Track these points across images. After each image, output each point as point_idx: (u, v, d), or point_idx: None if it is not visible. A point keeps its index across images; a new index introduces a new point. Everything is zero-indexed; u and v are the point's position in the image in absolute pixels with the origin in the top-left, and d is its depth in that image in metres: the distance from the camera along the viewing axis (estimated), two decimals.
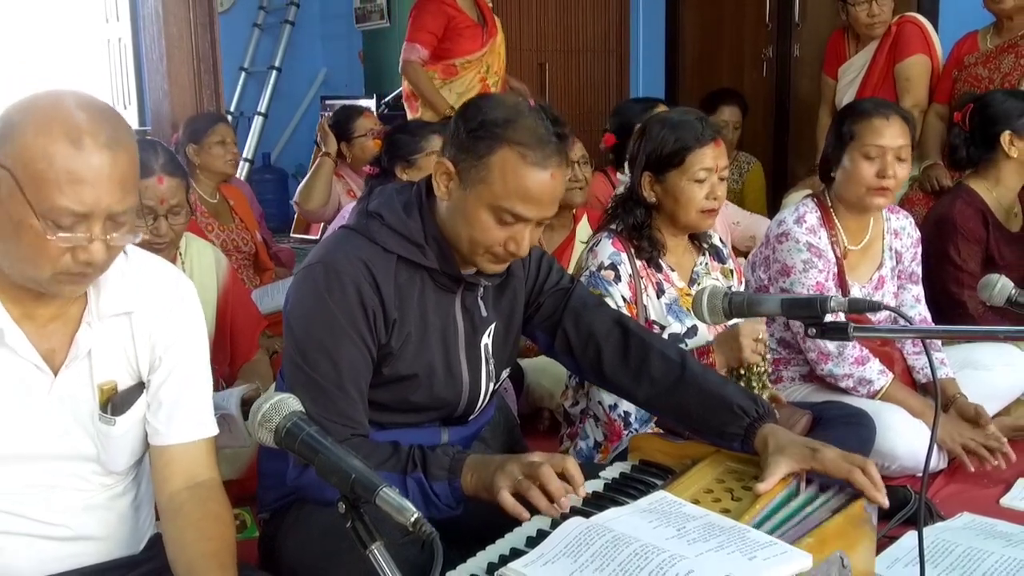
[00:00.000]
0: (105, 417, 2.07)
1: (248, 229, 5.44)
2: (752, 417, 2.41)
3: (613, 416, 3.16)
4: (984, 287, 2.52)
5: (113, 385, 2.08)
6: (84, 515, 2.11)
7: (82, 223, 1.82)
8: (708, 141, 3.17)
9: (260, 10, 9.62)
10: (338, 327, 2.32)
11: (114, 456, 2.12)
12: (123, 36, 8.23)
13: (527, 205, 2.30)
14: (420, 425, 2.54)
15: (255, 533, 2.94)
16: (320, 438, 1.68)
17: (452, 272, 2.44)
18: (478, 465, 2.27)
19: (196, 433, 2.17)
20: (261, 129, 9.51)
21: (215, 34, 6.33)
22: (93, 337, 2.04)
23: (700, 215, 3.21)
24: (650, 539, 1.87)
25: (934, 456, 3.46)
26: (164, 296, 2.14)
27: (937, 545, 2.90)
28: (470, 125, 2.34)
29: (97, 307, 2.04)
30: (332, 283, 2.33)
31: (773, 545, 1.88)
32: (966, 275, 4.18)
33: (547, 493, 2.14)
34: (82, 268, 1.87)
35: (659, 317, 3.23)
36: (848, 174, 3.60)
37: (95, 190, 1.81)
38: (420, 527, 1.51)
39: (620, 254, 3.21)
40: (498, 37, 6.54)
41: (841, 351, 3.60)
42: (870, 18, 5.58)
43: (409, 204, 2.44)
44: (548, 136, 2.30)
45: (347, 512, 1.60)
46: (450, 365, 2.50)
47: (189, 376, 2.17)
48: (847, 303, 2.20)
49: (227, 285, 3.73)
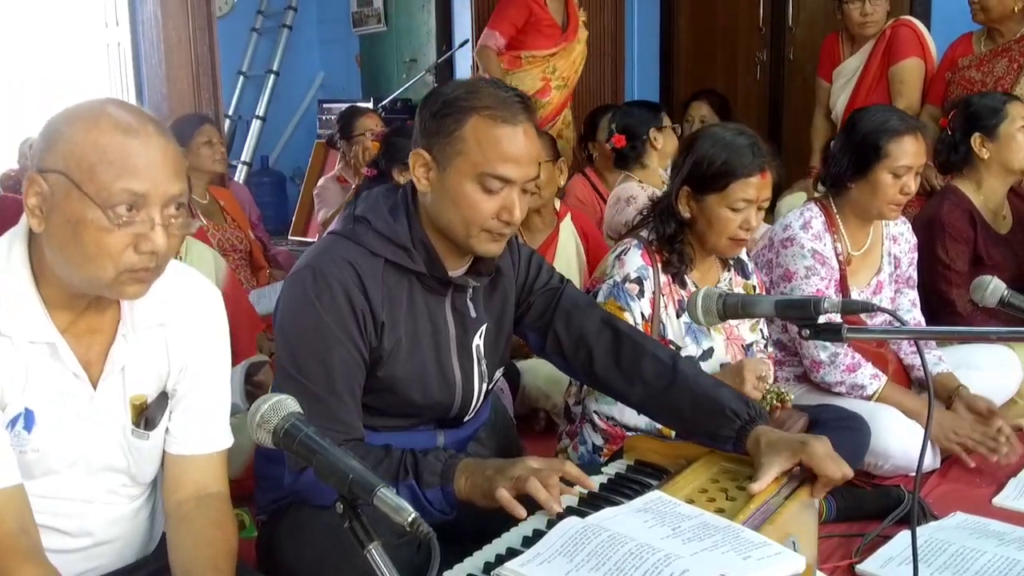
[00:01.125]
0: (139, 432, 2.08)
1: (241, 228, 5.45)
2: (744, 420, 2.41)
3: (611, 424, 3.16)
4: (976, 288, 2.53)
5: (144, 399, 2.09)
6: (110, 526, 2.13)
7: (142, 208, 1.83)
8: (756, 172, 3.08)
9: (258, 14, 9.61)
10: (328, 331, 2.31)
11: (143, 468, 2.14)
12: (122, 40, 8.20)
13: (508, 164, 2.30)
14: (415, 428, 2.54)
15: (253, 533, 2.93)
16: (318, 439, 1.68)
17: (440, 275, 2.44)
18: (472, 470, 2.27)
19: (211, 445, 2.19)
20: (259, 132, 9.50)
21: (213, 38, 6.34)
22: (128, 351, 2.04)
23: (729, 243, 3.15)
24: (645, 539, 1.87)
25: (928, 456, 3.47)
26: (195, 307, 2.15)
27: (930, 544, 2.90)
28: (433, 109, 2.36)
29: (132, 319, 2.04)
30: (320, 287, 2.32)
31: (767, 545, 1.88)
32: (954, 274, 4.19)
33: (545, 487, 2.15)
34: (145, 262, 1.86)
35: (676, 337, 3.19)
36: (873, 189, 3.59)
37: (150, 171, 1.84)
38: (417, 527, 1.51)
39: (648, 268, 3.16)
40: (576, 44, 6.61)
41: (832, 359, 3.61)
42: (863, 17, 5.57)
43: (396, 207, 2.44)
44: (511, 97, 2.34)
45: (345, 512, 1.59)
46: (442, 367, 2.50)
47: (211, 388, 2.19)
48: (840, 304, 2.21)
49: (226, 287, 3.73)
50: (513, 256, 2.69)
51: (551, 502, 2.13)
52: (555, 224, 4.78)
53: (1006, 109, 4.26)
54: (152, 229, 1.84)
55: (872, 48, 5.65)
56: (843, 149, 3.68)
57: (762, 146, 3.12)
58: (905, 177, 3.55)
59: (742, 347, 3.32)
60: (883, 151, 3.55)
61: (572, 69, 6.62)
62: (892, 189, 3.56)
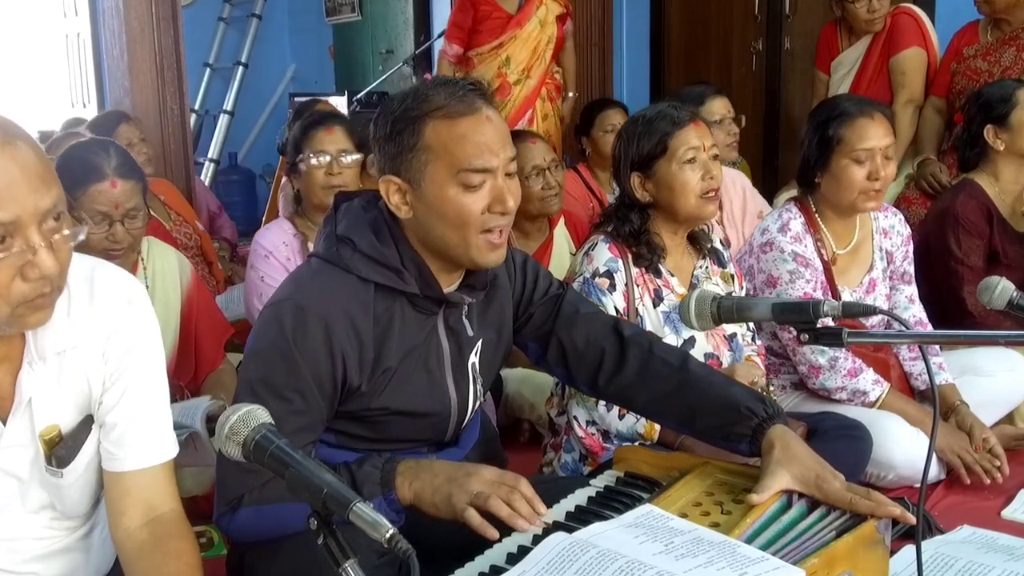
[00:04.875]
0: (51, 470, 2.00)
1: (187, 222, 5.39)
2: (761, 417, 2.38)
3: (591, 431, 3.16)
4: (984, 290, 2.53)
5: (56, 431, 2.00)
6: (51, 560, 2.09)
7: (16, 235, 1.72)
8: (686, 122, 3.19)
9: (225, 3, 9.63)
10: (298, 373, 2.25)
11: (70, 505, 2.07)
12: (82, 31, 8.18)
13: (481, 154, 2.28)
14: (408, 451, 2.49)
15: (223, 551, 2.93)
16: (291, 451, 1.66)
17: (434, 294, 2.40)
18: (414, 473, 2.25)
19: (153, 458, 2.08)
20: (227, 128, 9.50)
21: (178, 29, 6.30)
22: (36, 380, 1.95)
23: (701, 200, 3.18)
24: (636, 555, 1.87)
25: (933, 466, 3.48)
26: (111, 316, 2.03)
27: (936, 560, 2.91)
28: (385, 131, 2.34)
29: (35, 346, 1.93)
30: (299, 328, 2.26)
31: (764, 561, 1.88)
32: (966, 269, 4.20)
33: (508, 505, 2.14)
34: (38, 289, 1.77)
35: (655, 327, 3.21)
36: (837, 180, 3.59)
37: (11, 192, 1.70)
38: (396, 543, 1.50)
39: (617, 260, 3.20)
40: (530, 28, 6.40)
41: (832, 364, 3.60)
42: (870, 14, 5.56)
43: (378, 226, 2.39)
44: (461, 89, 2.31)
45: (319, 528, 1.59)
46: (437, 390, 2.48)
47: (143, 395, 2.08)
48: (840, 307, 2.20)
49: (191, 291, 3.71)
50: (508, 267, 2.65)
51: (516, 519, 2.12)
52: (549, 231, 4.81)
53: (1016, 95, 4.28)
54: (35, 254, 1.73)
55: (872, 38, 5.66)
56: (808, 144, 3.70)
57: (682, 105, 3.32)
58: (868, 162, 3.53)
59: (725, 337, 3.34)
60: (836, 137, 3.56)
61: (534, 56, 6.44)
62: (857, 176, 3.54)
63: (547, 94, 6.62)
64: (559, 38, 6.55)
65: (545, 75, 6.54)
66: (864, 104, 3.67)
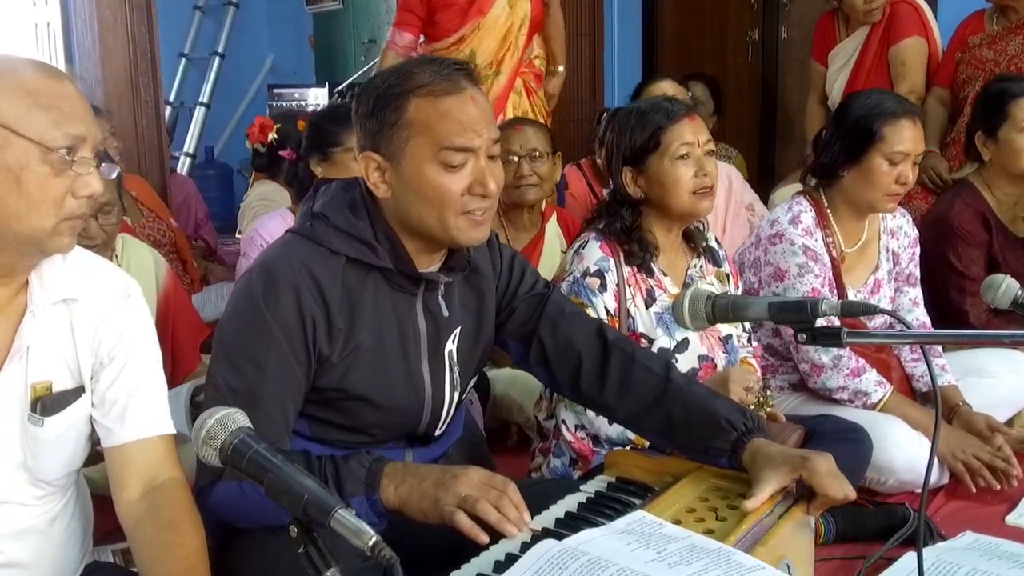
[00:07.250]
0: (34, 417, 2.08)
1: (161, 218, 5.37)
2: (740, 431, 2.41)
3: (579, 435, 3.16)
4: (988, 288, 2.54)
5: (48, 385, 2.10)
6: (17, 541, 2.11)
7: (79, 151, 1.94)
8: (680, 116, 3.18)
9: None
10: (271, 337, 2.30)
11: (43, 463, 2.12)
12: (52, 20, 8.14)
13: (464, 132, 2.31)
14: (382, 445, 2.51)
15: None
16: (270, 455, 1.66)
17: (408, 271, 2.43)
18: (401, 476, 2.24)
19: (152, 429, 2.21)
20: (203, 121, 9.47)
21: (152, 17, 6.27)
22: (36, 330, 2.06)
23: (694, 197, 3.18)
24: (628, 563, 1.88)
25: (935, 471, 3.48)
26: (110, 290, 2.19)
27: (938, 567, 2.90)
28: (368, 107, 2.38)
29: (41, 292, 2.07)
30: (269, 291, 2.32)
31: (760, 569, 1.89)
32: (968, 281, 4.20)
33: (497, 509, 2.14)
34: (83, 207, 1.97)
35: (647, 329, 3.21)
36: (866, 176, 3.60)
37: (79, 113, 1.95)
38: (379, 551, 1.50)
39: (608, 259, 3.19)
40: (492, 11, 5.60)
41: (836, 363, 3.60)
42: (868, 4, 5.53)
43: (355, 204, 2.44)
44: (447, 68, 2.35)
45: (299, 536, 1.59)
46: (410, 373, 2.49)
47: (142, 372, 2.21)
48: (840, 306, 2.21)
49: (167, 290, 3.71)
50: (494, 258, 2.68)
51: (504, 524, 2.12)
52: (540, 226, 4.80)
53: (1010, 108, 4.23)
54: (89, 174, 1.96)
55: (870, 28, 5.64)
56: (835, 135, 3.69)
57: (677, 98, 3.34)
58: (902, 165, 3.54)
59: (720, 339, 3.34)
60: (878, 134, 3.55)
61: (504, 46, 5.69)
62: (888, 178, 3.56)
63: (523, 87, 5.92)
64: (536, 14, 5.75)
65: (519, 66, 5.81)
66: (906, 104, 3.69)
